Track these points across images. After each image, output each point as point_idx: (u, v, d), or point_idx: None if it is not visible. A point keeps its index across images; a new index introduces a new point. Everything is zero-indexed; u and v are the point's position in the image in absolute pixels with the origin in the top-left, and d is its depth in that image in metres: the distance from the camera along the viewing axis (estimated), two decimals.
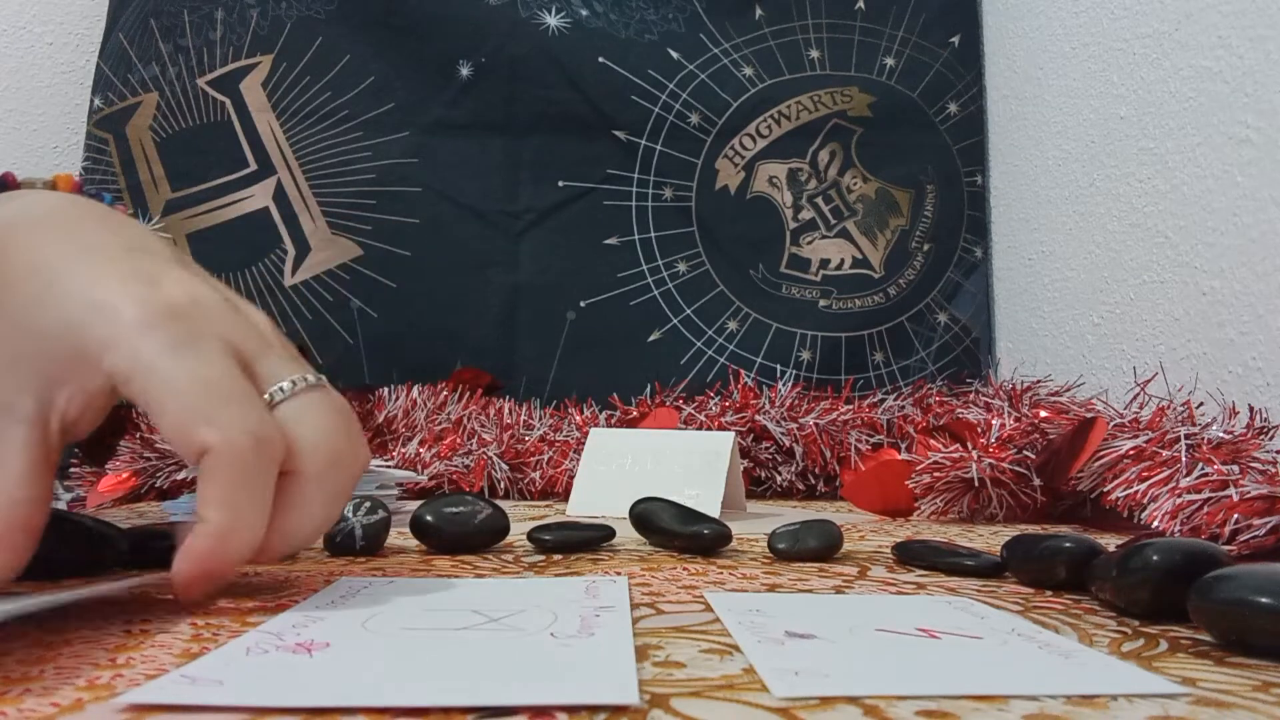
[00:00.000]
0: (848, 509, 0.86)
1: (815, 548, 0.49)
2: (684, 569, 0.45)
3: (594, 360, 1.21)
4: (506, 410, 1.09)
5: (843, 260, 1.26)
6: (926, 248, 1.27)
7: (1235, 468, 0.57)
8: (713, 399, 1.09)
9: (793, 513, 0.81)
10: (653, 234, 1.25)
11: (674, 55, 1.26)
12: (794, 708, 0.23)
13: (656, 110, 1.25)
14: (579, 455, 0.80)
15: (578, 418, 1.08)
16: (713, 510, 0.68)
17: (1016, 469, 0.75)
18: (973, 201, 1.28)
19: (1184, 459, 0.60)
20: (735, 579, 0.42)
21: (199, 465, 0.30)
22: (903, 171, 1.28)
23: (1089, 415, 0.76)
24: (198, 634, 0.30)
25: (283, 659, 0.26)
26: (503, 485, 0.94)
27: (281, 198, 1.21)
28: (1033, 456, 0.76)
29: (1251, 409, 0.68)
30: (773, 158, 1.27)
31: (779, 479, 0.99)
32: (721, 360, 1.22)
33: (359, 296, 1.20)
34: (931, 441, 0.85)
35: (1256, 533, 0.52)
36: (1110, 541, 0.43)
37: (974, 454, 0.76)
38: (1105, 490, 0.66)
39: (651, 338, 1.23)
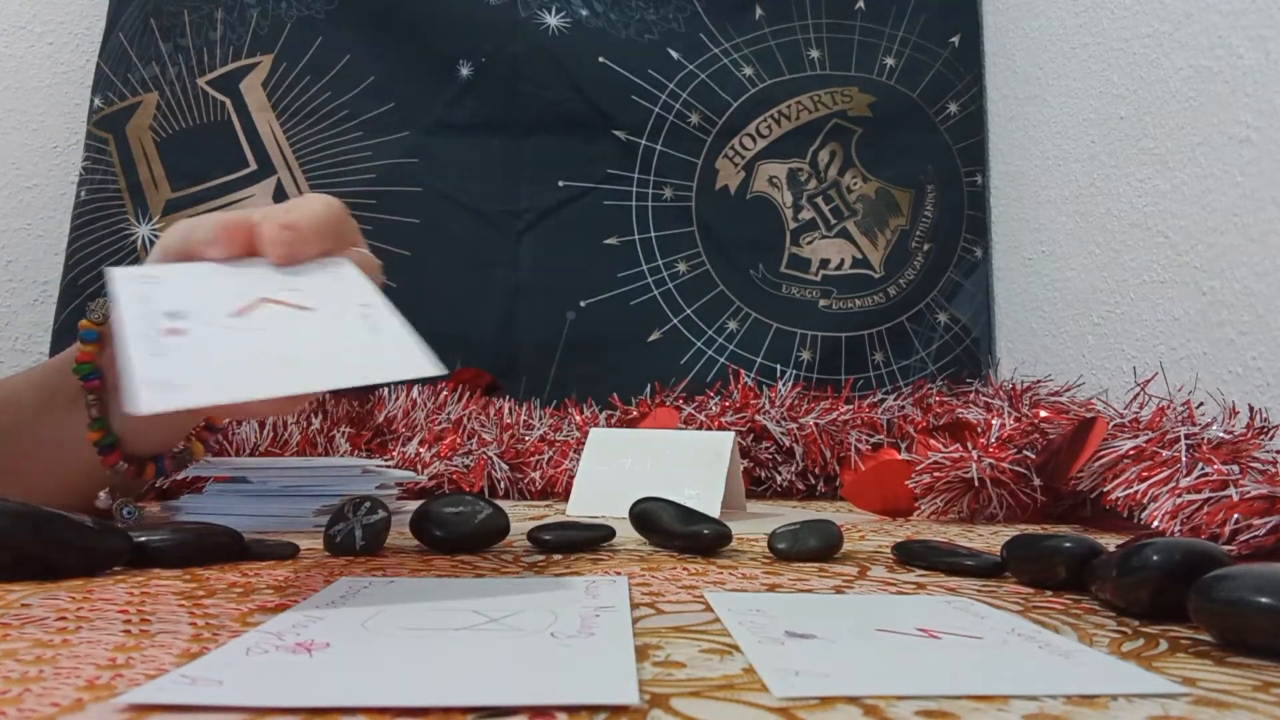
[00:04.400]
0: (848, 509, 0.86)
1: (815, 548, 0.49)
2: (684, 569, 0.45)
3: (594, 360, 1.21)
4: (506, 410, 1.09)
5: (843, 260, 1.26)
6: (926, 248, 1.27)
7: (1235, 468, 0.57)
8: (713, 399, 1.09)
9: (793, 513, 0.81)
10: (653, 234, 1.25)
11: (674, 55, 1.26)
12: (794, 708, 0.23)
13: (656, 110, 1.25)
14: (579, 455, 0.80)
15: (578, 418, 1.08)
16: (713, 510, 0.68)
17: (1016, 469, 0.75)
18: (973, 201, 1.28)
19: (1184, 459, 0.60)
20: (735, 579, 0.42)
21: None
22: (903, 171, 1.28)
23: (1089, 415, 0.76)
24: (198, 634, 0.30)
25: (283, 659, 0.26)
26: (503, 485, 0.94)
27: (282, 197, 1.21)
28: (1033, 456, 0.76)
29: (1251, 409, 0.68)
30: (773, 158, 1.27)
31: (779, 479, 0.99)
32: (721, 360, 1.22)
33: None
34: (931, 441, 0.85)
35: (1256, 533, 0.52)
36: (1110, 541, 0.43)
37: (974, 454, 0.76)
38: (1105, 490, 0.66)
39: (651, 338, 1.23)
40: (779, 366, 1.22)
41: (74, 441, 0.52)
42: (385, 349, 0.35)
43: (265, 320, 0.35)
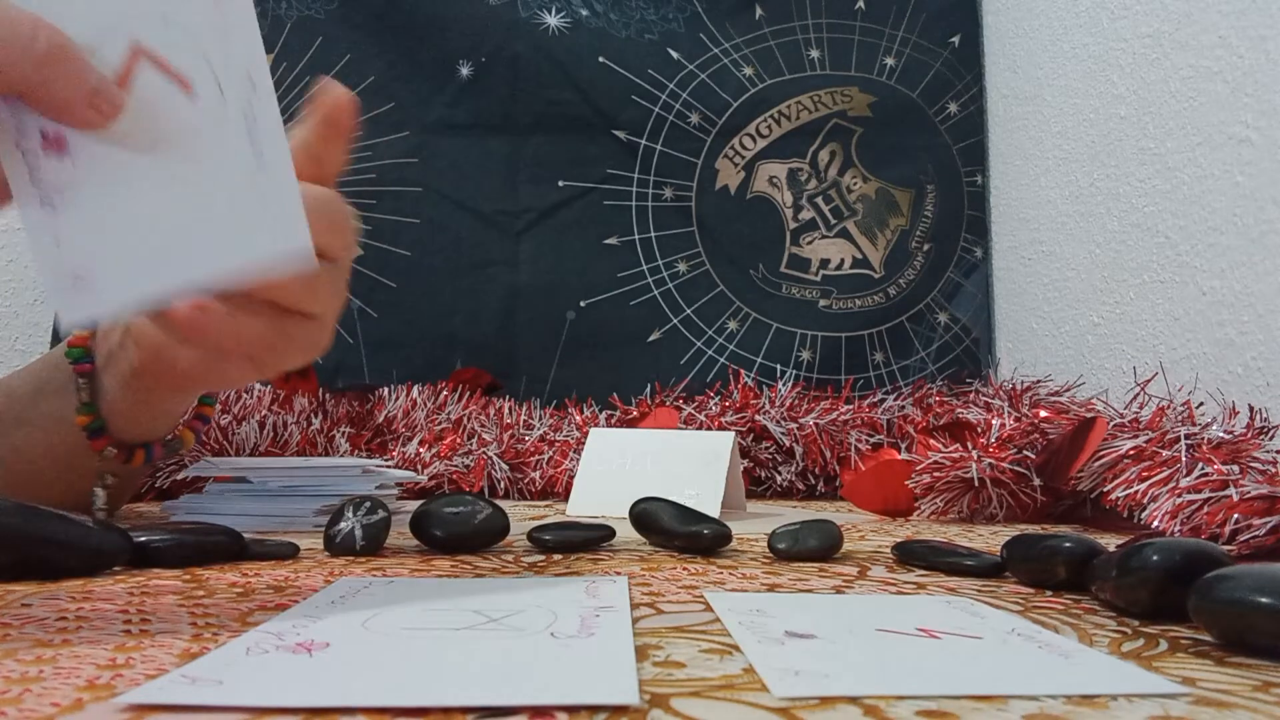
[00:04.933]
0: (848, 509, 0.86)
1: (815, 548, 0.49)
2: (684, 569, 0.45)
3: (594, 360, 1.21)
4: (506, 410, 1.09)
5: (843, 260, 1.26)
6: (926, 248, 1.27)
7: (1235, 468, 0.57)
8: (713, 399, 1.09)
9: (793, 513, 0.81)
10: (653, 234, 1.25)
11: (674, 55, 1.26)
12: (794, 708, 0.23)
13: (656, 110, 1.25)
14: (579, 455, 0.80)
15: (578, 418, 1.08)
16: (713, 510, 0.68)
17: (1016, 469, 0.75)
18: (973, 201, 1.28)
19: (1184, 459, 0.60)
20: (735, 579, 0.42)
21: None
22: (903, 171, 1.28)
23: (1089, 415, 0.76)
24: (198, 634, 0.30)
25: (283, 659, 0.26)
26: (503, 485, 0.94)
27: None
28: (1033, 456, 0.76)
29: (1251, 409, 0.68)
30: (773, 158, 1.27)
31: (779, 479, 0.99)
32: (721, 360, 1.22)
33: (359, 296, 1.20)
34: (931, 441, 0.85)
35: (1256, 533, 0.52)
36: (1110, 541, 0.43)
37: (974, 454, 0.76)
38: (1105, 490, 0.66)
39: (651, 338, 1.23)
40: (779, 366, 1.22)
41: (62, 431, 0.53)
42: (264, 212, 0.31)
43: (144, 121, 0.30)
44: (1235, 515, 0.53)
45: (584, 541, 0.51)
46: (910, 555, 0.48)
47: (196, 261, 0.32)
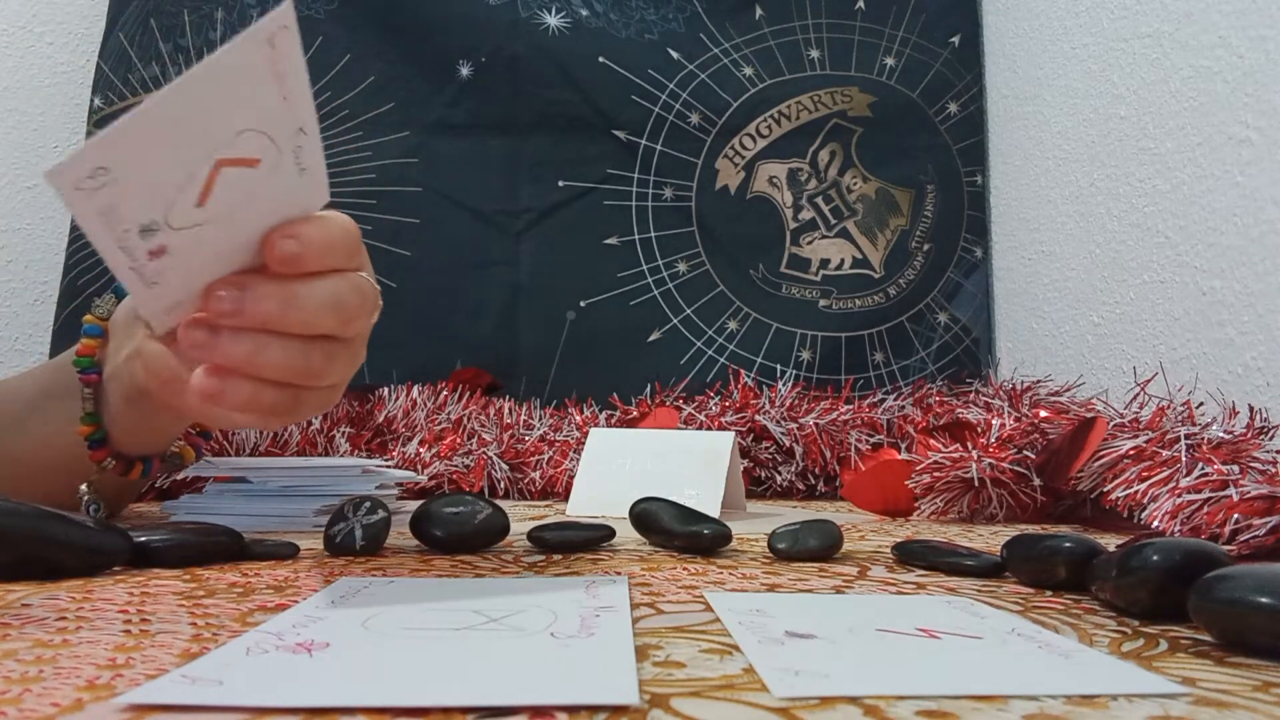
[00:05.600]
0: (848, 509, 0.86)
1: (815, 548, 0.49)
2: (684, 569, 0.45)
3: (594, 360, 1.21)
4: (506, 410, 1.09)
5: (843, 260, 1.26)
6: (926, 248, 1.27)
7: (1235, 468, 0.57)
8: (713, 399, 1.09)
9: (793, 513, 0.81)
10: (653, 234, 1.25)
11: (674, 55, 1.26)
12: (794, 708, 0.23)
13: (656, 110, 1.25)
14: (579, 455, 0.80)
15: (578, 418, 1.08)
16: (713, 510, 0.68)
17: (1016, 469, 0.75)
18: (973, 201, 1.28)
19: (1184, 459, 0.60)
20: (735, 579, 0.42)
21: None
22: (903, 171, 1.28)
23: (1089, 415, 0.76)
24: (198, 634, 0.30)
25: (283, 659, 0.26)
26: (503, 485, 0.94)
27: None
28: (1033, 456, 0.76)
29: (1251, 409, 0.68)
30: (773, 158, 1.27)
31: (779, 479, 0.99)
32: (721, 360, 1.22)
33: None
34: (931, 441, 0.85)
35: (1256, 533, 0.52)
36: (1110, 541, 0.43)
37: (974, 454, 0.76)
38: (1105, 490, 0.66)
39: (651, 338, 1.23)
40: (779, 366, 1.22)
41: (62, 438, 0.53)
42: (309, 189, 0.37)
43: (224, 203, 0.35)
44: (1235, 515, 0.53)
45: (584, 541, 0.51)
46: (910, 555, 0.48)
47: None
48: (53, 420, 0.53)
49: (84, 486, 0.54)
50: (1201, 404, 0.72)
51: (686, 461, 0.74)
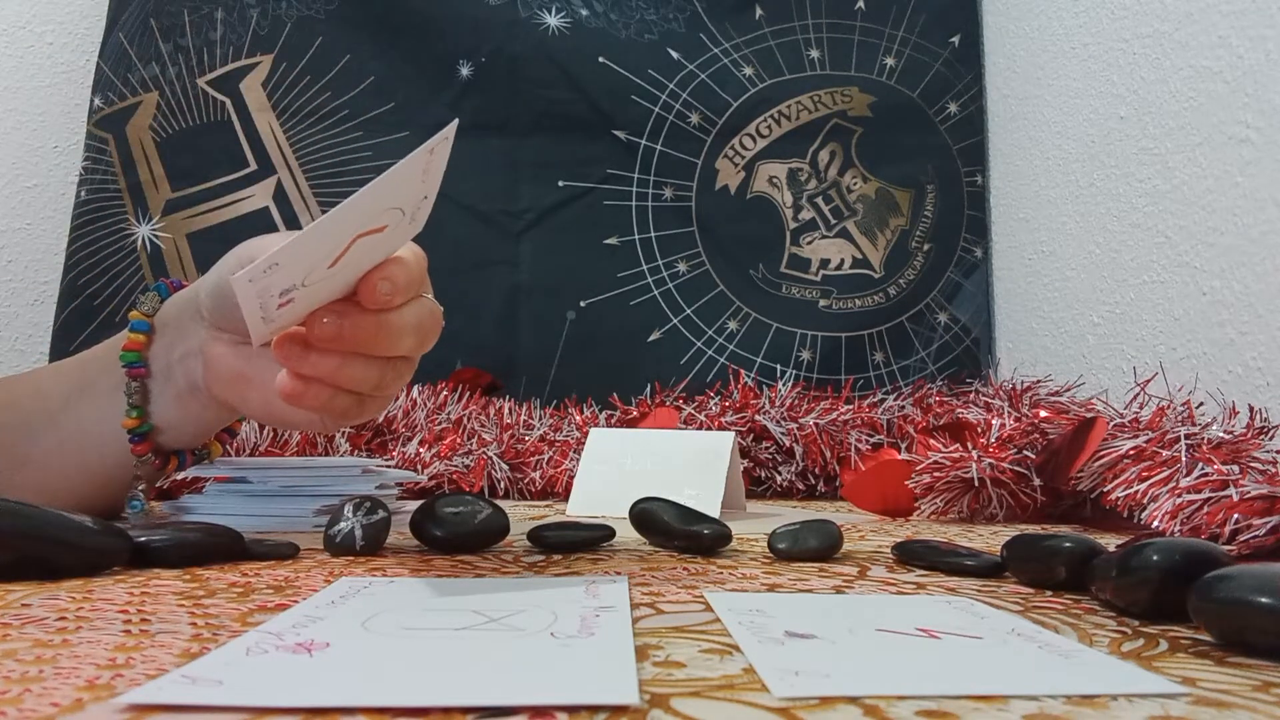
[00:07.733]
0: (848, 509, 0.86)
1: (815, 548, 0.49)
2: (684, 569, 0.45)
3: (594, 360, 1.21)
4: (506, 410, 1.08)
5: (843, 260, 1.26)
6: (926, 248, 1.27)
7: (1235, 468, 0.57)
8: (713, 399, 1.09)
9: (793, 513, 0.81)
10: (653, 234, 1.25)
11: (674, 55, 1.26)
12: (794, 708, 0.23)
13: (656, 110, 1.25)
14: (579, 455, 0.80)
15: (578, 418, 1.08)
16: (713, 510, 0.68)
17: (1016, 469, 0.75)
18: (973, 201, 1.28)
19: (1184, 459, 0.60)
20: (735, 579, 0.42)
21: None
22: (903, 171, 1.28)
23: (1089, 415, 0.76)
24: (198, 634, 0.30)
25: (283, 659, 0.26)
26: (503, 485, 0.94)
27: (282, 198, 1.21)
28: (1033, 456, 0.76)
29: (1251, 409, 0.68)
30: (773, 158, 1.27)
31: (779, 479, 0.99)
32: (721, 360, 1.22)
33: None
34: (931, 441, 0.85)
35: (1256, 533, 0.52)
36: (1110, 541, 0.43)
37: (974, 454, 0.76)
38: (1105, 490, 0.66)
39: (651, 338, 1.23)
40: (779, 366, 1.22)
41: (99, 434, 0.54)
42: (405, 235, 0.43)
43: (351, 261, 0.40)
44: (1235, 515, 0.53)
45: (584, 541, 0.51)
46: (910, 555, 0.48)
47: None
48: (86, 416, 0.54)
49: (139, 492, 0.55)
50: (1201, 404, 0.72)
51: (686, 461, 0.74)
